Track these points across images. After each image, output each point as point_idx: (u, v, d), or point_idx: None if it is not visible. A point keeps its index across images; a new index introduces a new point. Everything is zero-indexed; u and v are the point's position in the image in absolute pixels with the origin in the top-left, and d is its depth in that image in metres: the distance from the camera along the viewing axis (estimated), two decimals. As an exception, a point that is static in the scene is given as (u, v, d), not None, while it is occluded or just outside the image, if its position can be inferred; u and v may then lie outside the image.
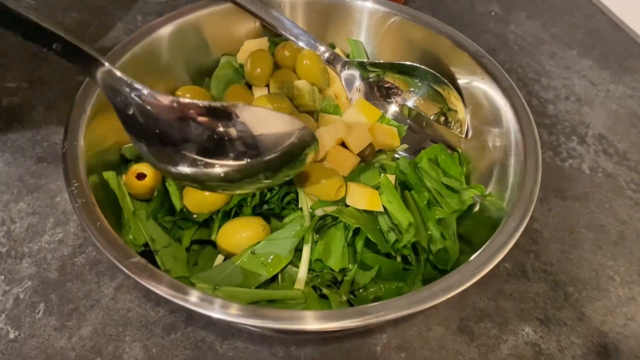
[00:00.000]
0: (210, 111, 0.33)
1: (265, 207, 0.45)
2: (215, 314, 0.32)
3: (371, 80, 0.52)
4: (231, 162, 0.34)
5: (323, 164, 0.45)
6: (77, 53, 0.33)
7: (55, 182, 0.53)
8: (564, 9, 0.80)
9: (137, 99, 0.34)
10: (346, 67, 0.52)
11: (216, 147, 0.34)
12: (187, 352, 0.43)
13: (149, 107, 0.34)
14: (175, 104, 0.33)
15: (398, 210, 0.42)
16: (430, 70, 0.49)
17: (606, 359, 0.45)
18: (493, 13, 0.78)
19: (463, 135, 0.50)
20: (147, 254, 0.41)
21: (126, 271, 0.33)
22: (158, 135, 0.34)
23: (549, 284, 0.50)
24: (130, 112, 0.33)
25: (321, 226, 0.43)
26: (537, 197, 0.55)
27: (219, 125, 0.33)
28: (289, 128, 0.34)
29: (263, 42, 0.54)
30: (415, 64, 0.50)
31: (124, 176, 0.44)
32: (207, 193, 0.42)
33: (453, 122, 0.50)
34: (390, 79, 0.51)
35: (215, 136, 0.33)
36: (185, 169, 0.34)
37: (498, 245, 0.36)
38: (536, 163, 0.42)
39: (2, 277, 0.47)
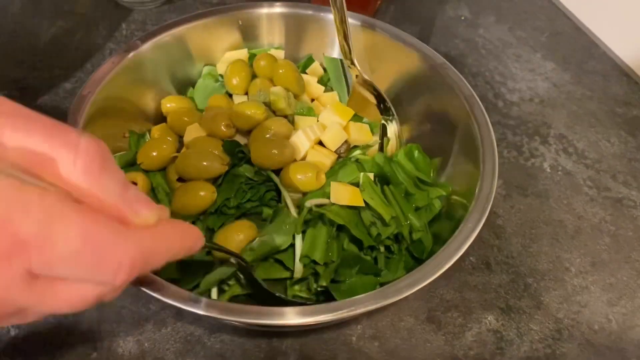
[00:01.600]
0: None
1: (249, 204, 0.48)
2: (202, 311, 0.36)
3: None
4: None
5: (301, 162, 0.49)
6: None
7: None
8: (529, 12, 0.84)
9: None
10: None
11: None
12: (177, 345, 0.47)
13: None
14: None
15: (380, 206, 0.46)
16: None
17: (560, 343, 0.50)
18: (463, 17, 0.81)
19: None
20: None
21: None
22: None
23: (510, 275, 0.54)
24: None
25: (308, 220, 0.46)
26: (501, 195, 0.60)
27: None
28: None
29: (243, 54, 0.58)
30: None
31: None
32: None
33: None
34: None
35: None
36: None
37: (452, 250, 0.40)
38: (493, 168, 0.45)
39: (2, 279, 0.50)
